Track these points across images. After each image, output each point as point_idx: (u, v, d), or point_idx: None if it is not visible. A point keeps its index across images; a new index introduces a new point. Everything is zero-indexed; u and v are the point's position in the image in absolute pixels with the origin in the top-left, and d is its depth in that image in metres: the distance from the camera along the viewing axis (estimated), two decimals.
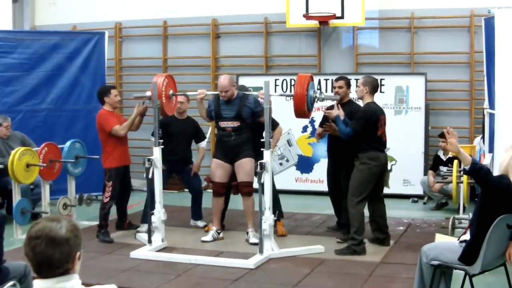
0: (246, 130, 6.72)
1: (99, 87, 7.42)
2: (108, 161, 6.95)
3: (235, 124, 6.67)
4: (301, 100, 6.10)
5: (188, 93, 7.18)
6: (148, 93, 6.60)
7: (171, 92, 6.75)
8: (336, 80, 6.97)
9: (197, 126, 7.64)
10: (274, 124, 6.82)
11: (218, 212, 6.93)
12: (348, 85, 6.90)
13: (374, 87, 6.47)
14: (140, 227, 7.19)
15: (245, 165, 6.69)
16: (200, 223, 7.48)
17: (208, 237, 6.85)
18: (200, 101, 6.88)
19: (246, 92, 6.92)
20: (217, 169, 6.83)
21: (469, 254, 4.14)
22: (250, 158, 6.68)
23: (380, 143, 6.39)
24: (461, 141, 9.02)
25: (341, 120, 6.31)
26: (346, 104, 6.78)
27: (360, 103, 6.73)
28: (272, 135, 6.46)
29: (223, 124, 6.74)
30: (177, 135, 7.28)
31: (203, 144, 7.72)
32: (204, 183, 8.92)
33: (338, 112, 6.34)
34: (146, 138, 7.42)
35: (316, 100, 6.30)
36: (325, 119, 6.79)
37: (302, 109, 6.16)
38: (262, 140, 6.12)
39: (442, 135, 8.81)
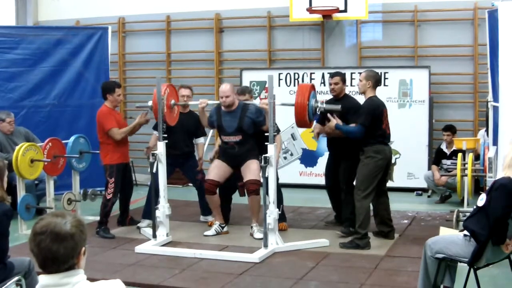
0: (250, 140, 6.72)
1: (105, 82, 7.39)
2: (109, 158, 6.94)
3: (237, 138, 6.67)
4: (302, 110, 6.07)
5: (190, 102, 7.15)
6: (150, 103, 6.58)
7: (172, 102, 6.72)
8: (332, 76, 6.96)
9: (199, 121, 7.49)
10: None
11: (217, 208, 6.91)
12: (344, 80, 6.94)
13: (376, 81, 6.47)
14: (140, 223, 7.19)
15: (251, 165, 6.65)
16: (211, 218, 7.34)
17: (210, 232, 6.85)
18: (202, 110, 6.87)
19: (247, 102, 6.86)
20: (215, 168, 6.82)
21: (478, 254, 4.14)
22: (255, 159, 6.64)
23: (384, 137, 6.39)
24: (465, 134, 9.14)
25: (341, 125, 6.35)
26: (342, 99, 6.82)
27: (358, 98, 6.74)
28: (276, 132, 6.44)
29: (225, 138, 6.74)
30: (177, 129, 7.08)
31: (202, 140, 7.60)
32: None
33: (336, 121, 6.38)
34: (149, 132, 7.41)
35: (318, 110, 6.26)
36: (323, 116, 6.73)
37: (304, 119, 6.13)
38: (266, 143, 6.09)
39: (445, 129, 8.83)
